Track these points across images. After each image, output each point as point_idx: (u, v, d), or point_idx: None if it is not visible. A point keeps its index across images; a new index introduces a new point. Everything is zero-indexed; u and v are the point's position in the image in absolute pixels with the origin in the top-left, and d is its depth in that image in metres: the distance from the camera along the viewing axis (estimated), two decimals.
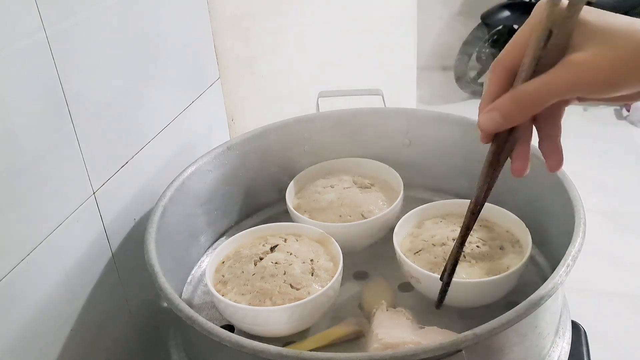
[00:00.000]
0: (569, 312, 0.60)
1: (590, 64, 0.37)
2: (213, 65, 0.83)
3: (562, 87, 0.37)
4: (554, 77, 0.37)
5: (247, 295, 0.56)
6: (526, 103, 0.39)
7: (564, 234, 0.54)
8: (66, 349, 0.55)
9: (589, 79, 0.37)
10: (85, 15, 0.55)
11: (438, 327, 0.53)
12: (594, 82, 0.37)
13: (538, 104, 0.39)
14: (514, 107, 0.39)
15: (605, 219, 2.00)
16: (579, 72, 0.37)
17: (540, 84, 0.38)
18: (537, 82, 0.38)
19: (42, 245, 0.51)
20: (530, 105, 0.39)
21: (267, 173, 0.77)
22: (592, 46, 0.37)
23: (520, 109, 0.39)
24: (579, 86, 0.37)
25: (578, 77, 0.37)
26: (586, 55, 0.37)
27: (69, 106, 0.53)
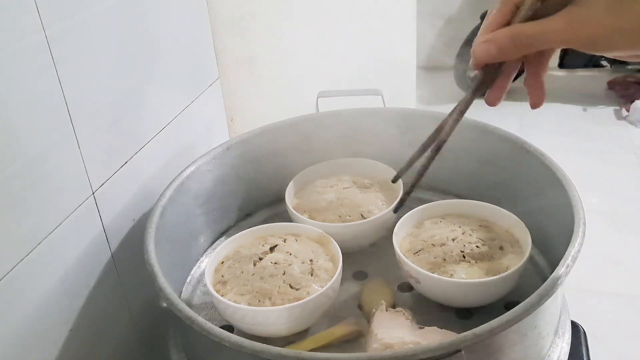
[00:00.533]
0: (568, 312, 0.60)
1: (590, 23, 0.38)
2: (212, 65, 0.83)
3: (559, 39, 0.39)
4: (553, 26, 0.39)
5: (247, 296, 0.56)
6: (522, 43, 0.40)
7: (563, 234, 0.54)
8: (65, 348, 0.55)
9: (587, 38, 0.38)
10: (84, 15, 0.55)
11: (437, 328, 0.53)
12: (590, 42, 0.39)
13: (533, 47, 0.41)
14: (510, 44, 0.41)
15: (604, 219, 2.01)
16: (578, 29, 0.38)
17: (540, 30, 0.39)
18: (537, 26, 0.39)
19: (41, 245, 0.50)
20: (526, 46, 0.41)
21: (266, 173, 0.77)
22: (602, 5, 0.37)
23: (515, 47, 0.41)
24: (575, 42, 0.39)
25: (576, 34, 0.38)
26: (589, 12, 0.38)
27: (69, 106, 0.53)
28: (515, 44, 0.41)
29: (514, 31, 0.40)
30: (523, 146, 0.67)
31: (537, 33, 0.39)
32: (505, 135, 0.69)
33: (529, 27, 0.40)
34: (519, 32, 0.40)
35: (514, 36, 0.40)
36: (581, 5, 0.38)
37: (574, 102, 2.87)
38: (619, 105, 2.75)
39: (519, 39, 0.40)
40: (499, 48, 0.41)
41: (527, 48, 0.41)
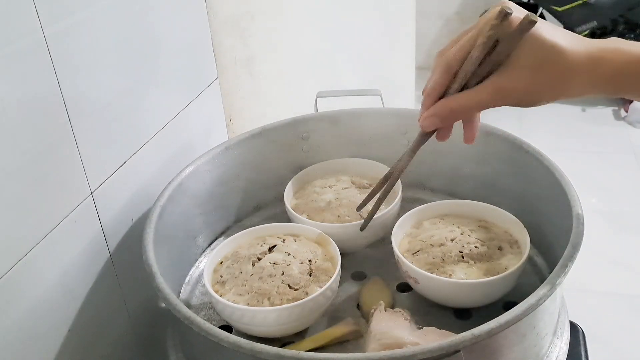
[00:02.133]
0: (567, 313, 0.60)
1: (512, 91, 0.47)
2: (211, 65, 0.83)
3: (487, 105, 0.48)
4: (482, 97, 0.48)
5: (245, 296, 0.56)
6: (459, 113, 0.50)
7: (562, 234, 0.54)
8: (64, 349, 0.55)
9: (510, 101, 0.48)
10: (83, 15, 0.55)
11: (436, 328, 0.53)
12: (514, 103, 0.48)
13: (468, 113, 0.51)
14: (450, 115, 0.50)
15: (603, 219, 2.01)
16: (502, 98, 0.47)
17: (472, 101, 0.48)
18: (469, 98, 0.48)
19: (39, 245, 0.50)
20: (463, 114, 0.51)
21: (265, 173, 0.77)
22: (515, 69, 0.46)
23: (455, 116, 0.51)
24: (501, 104, 0.48)
25: (500, 99, 0.47)
26: (508, 81, 0.47)
27: (67, 106, 0.53)
28: (454, 114, 0.50)
29: (452, 105, 0.49)
30: (522, 146, 0.67)
31: (470, 104, 0.49)
32: (505, 136, 0.69)
33: (463, 99, 0.49)
34: (456, 106, 0.49)
35: (452, 109, 0.49)
36: (503, 75, 0.47)
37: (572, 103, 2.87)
38: (617, 105, 2.75)
39: (457, 110, 0.49)
40: (441, 119, 0.50)
41: (463, 115, 0.51)
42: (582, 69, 0.46)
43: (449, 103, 0.49)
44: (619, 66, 0.46)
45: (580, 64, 0.46)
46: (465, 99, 0.48)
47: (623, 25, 2.78)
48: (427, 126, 0.51)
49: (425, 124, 0.51)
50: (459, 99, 0.49)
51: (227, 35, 0.87)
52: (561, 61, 0.45)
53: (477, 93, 0.48)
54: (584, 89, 0.47)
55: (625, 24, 2.78)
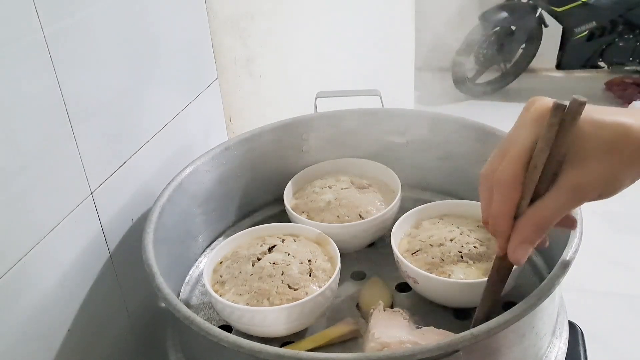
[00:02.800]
0: (566, 313, 0.60)
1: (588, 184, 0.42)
2: (211, 66, 0.83)
3: (571, 207, 0.43)
4: (563, 201, 0.42)
5: (245, 296, 0.56)
6: (547, 227, 0.43)
7: (561, 234, 0.54)
8: (64, 349, 0.55)
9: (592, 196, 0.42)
10: (83, 15, 0.55)
11: (435, 327, 0.53)
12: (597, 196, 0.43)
13: (555, 222, 0.44)
14: (538, 234, 0.44)
15: (602, 219, 2.01)
16: (583, 195, 0.42)
17: (554, 209, 0.43)
18: (550, 207, 0.43)
19: (39, 245, 0.50)
20: (549, 227, 0.44)
21: (265, 173, 0.77)
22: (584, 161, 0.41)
23: (543, 232, 0.44)
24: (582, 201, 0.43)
25: (583, 199, 0.42)
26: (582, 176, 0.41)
27: (67, 106, 0.53)
28: (542, 230, 0.43)
29: (537, 222, 0.43)
30: None
31: (554, 213, 0.43)
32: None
33: (545, 210, 0.43)
34: (541, 220, 0.43)
35: (539, 226, 0.43)
36: (574, 172, 0.42)
37: None
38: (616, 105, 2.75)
39: (544, 225, 0.43)
40: (532, 243, 0.44)
41: (550, 228, 0.44)
42: None
43: (531, 222, 0.43)
44: None
45: None
46: (545, 210, 0.43)
47: (622, 25, 2.78)
48: (522, 258, 0.44)
49: (520, 255, 0.44)
50: (539, 213, 0.43)
51: (227, 35, 0.87)
52: (630, 136, 0.40)
53: (554, 199, 0.42)
54: None
55: (625, 24, 2.78)
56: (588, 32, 2.79)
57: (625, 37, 2.80)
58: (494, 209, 0.44)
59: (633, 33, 2.79)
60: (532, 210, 0.43)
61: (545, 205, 0.43)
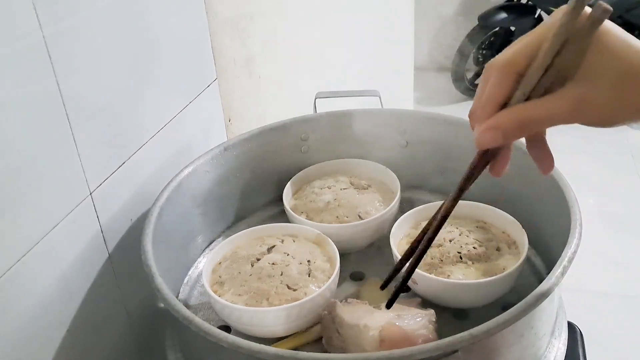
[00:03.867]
0: (565, 313, 0.60)
1: (596, 104, 0.37)
2: (210, 66, 0.83)
3: (564, 119, 0.38)
4: (561, 109, 0.38)
5: (244, 296, 0.56)
6: (528, 126, 0.39)
7: (560, 235, 0.54)
8: (62, 350, 0.54)
9: (593, 118, 0.38)
10: (82, 15, 0.55)
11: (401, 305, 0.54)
12: (597, 121, 0.39)
13: (538, 128, 0.40)
14: (516, 129, 0.39)
15: (601, 220, 2.01)
16: (585, 111, 0.38)
17: (547, 113, 0.38)
18: (543, 109, 0.38)
19: (38, 246, 0.50)
20: (532, 128, 0.40)
21: (264, 174, 0.77)
22: (598, 78, 0.37)
23: (522, 130, 0.39)
24: (580, 120, 0.38)
25: (583, 116, 0.38)
26: (594, 93, 0.37)
27: (66, 107, 0.53)
28: (522, 128, 0.39)
29: (520, 116, 0.39)
30: (520, 147, 0.67)
31: (545, 116, 0.38)
32: None
33: (534, 109, 0.38)
34: (526, 117, 0.39)
35: (521, 122, 0.39)
36: (585, 84, 0.37)
37: None
38: None
39: (526, 123, 0.39)
40: (505, 134, 0.39)
41: (532, 129, 0.40)
42: None
43: (515, 113, 0.39)
44: None
45: None
46: (539, 108, 0.38)
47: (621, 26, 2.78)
48: (486, 141, 0.40)
49: (484, 138, 0.40)
50: (529, 108, 0.38)
51: (227, 35, 0.87)
52: None
53: (553, 102, 0.38)
54: None
55: (624, 25, 2.78)
56: None
57: None
58: (480, 95, 0.40)
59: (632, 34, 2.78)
60: (523, 105, 0.39)
61: (540, 104, 0.38)
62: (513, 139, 0.40)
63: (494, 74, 0.40)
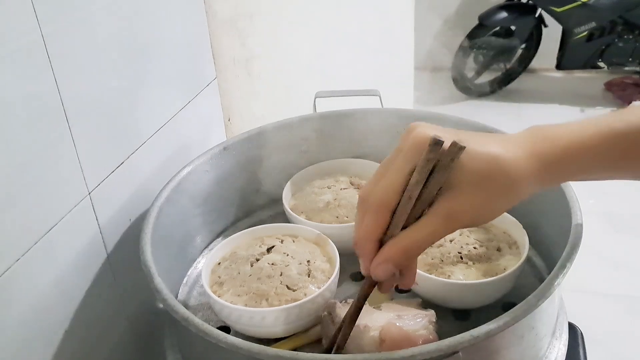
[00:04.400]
0: (565, 314, 0.60)
1: (463, 214, 0.43)
2: (210, 65, 0.83)
3: (442, 233, 0.43)
4: (435, 227, 0.43)
5: (244, 297, 0.56)
6: (414, 251, 0.44)
7: (560, 235, 0.54)
8: (61, 350, 0.54)
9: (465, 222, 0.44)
10: (81, 14, 0.54)
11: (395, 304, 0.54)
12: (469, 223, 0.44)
13: (422, 249, 0.44)
14: (404, 257, 0.44)
15: (602, 220, 2.01)
16: (455, 223, 0.43)
17: (425, 235, 0.43)
18: (421, 233, 0.43)
19: (36, 245, 0.50)
20: (418, 251, 0.44)
21: (263, 174, 0.76)
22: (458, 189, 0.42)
23: (409, 256, 0.44)
24: (456, 228, 0.44)
25: (454, 222, 0.43)
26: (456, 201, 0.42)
27: (65, 106, 0.53)
28: (409, 254, 0.44)
29: (405, 245, 0.43)
30: None
31: (425, 237, 0.43)
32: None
33: (414, 234, 0.43)
34: (409, 244, 0.43)
35: (406, 250, 0.43)
36: (449, 199, 0.42)
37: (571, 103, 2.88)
38: (616, 106, 2.76)
39: (411, 249, 0.43)
40: (396, 265, 0.44)
41: (418, 252, 0.45)
42: (525, 171, 0.43)
43: (400, 243, 0.43)
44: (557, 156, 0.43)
45: (522, 166, 0.42)
46: (417, 233, 0.43)
47: (622, 26, 2.79)
48: (381, 275, 0.44)
49: (379, 272, 0.44)
50: (409, 236, 0.43)
51: (226, 35, 0.87)
52: (503, 169, 0.42)
53: (427, 225, 0.43)
54: (536, 187, 0.44)
55: (624, 25, 2.78)
56: (588, 32, 2.80)
57: (625, 38, 2.81)
58: (361, 230, 0.45)
59: (632, 34, 2.79)
60: (404, 233, 0.43)
61: (417, 229, 0.43)
62: (404, 264, 0.45)
63: (369, 214, 0.44)
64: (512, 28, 2.87)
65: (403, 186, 0.43)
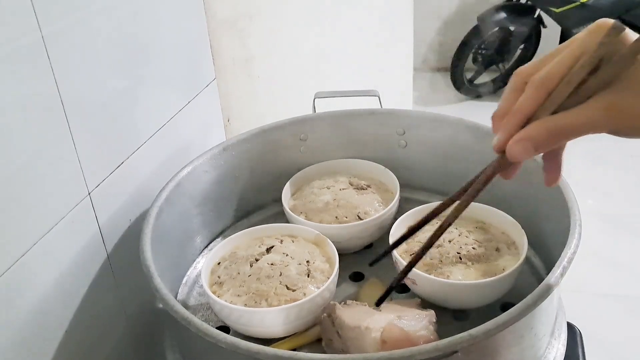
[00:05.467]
0: (564, 314, 0.60)
1: (631, 111, 0.37)
2: (209, 66, 0.83)
3: (598, 128, 0.38)
4: (592, 117, 0.38)
5: (243, 297, 0.56)
6: (561, 136, 0.39)
7: (559, 235, 0.54)
8: (60, 350, 0.54)
9: (627, 127, 0.38)
10: (81, 15, 0.55)
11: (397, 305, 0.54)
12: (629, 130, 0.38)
13: (570, 137, 0.39)
14: (547, 140, 0.39)
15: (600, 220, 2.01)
16: (619, 119, 0.38)
17: (578, 122, 0.38)
18: (574, 118, 0.38)
19: (36, 246, 0.50)
20: (565, 138, 0.39)
21: (263, 174, 0.77)
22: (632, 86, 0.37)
23: (554, 140, 0.39)
24: (614, 130, 0.38)
25: (617, 123, 0.38)
26: (627, 100, 0.37)
27: (65, 106, 0.53)
28: (554, 137, 0.39)
29: (552, 127, 0.39)
30: None
31: (576, 126, 0.38)
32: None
33: (566, 119, 0.38)
34: (558, 128, 0.38)
35: (551, 132, 0.39)
36: (617, 91, 0.37)
37: None
38: None
39: (557, 134, 0.39)
40: (535, 145, 0.39)
41: (565, 139, 0.40)
42: None
43: (546, 124, 0.39)
44: None
45: None
46: (569, 118, 0.38)
47: None
48: (518, 153, 0.40)
49: (516, 150, 0.39)
50: (560, 119, 0.38)
51: (225, 35, 0.87)
52: None
53: (585, 111, 0.38)
54: None
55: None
56: None
57: None
58: (507, 102, 0.41)
59: None
60: (553, 116, 0.39)
61: (569, 114, 0.38)
62: (544, 150, 0.40)
63: (528, 89, 0.40)
64: (511, 29, 2.87)
65: (565, 61, 0.39)
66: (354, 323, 0.52)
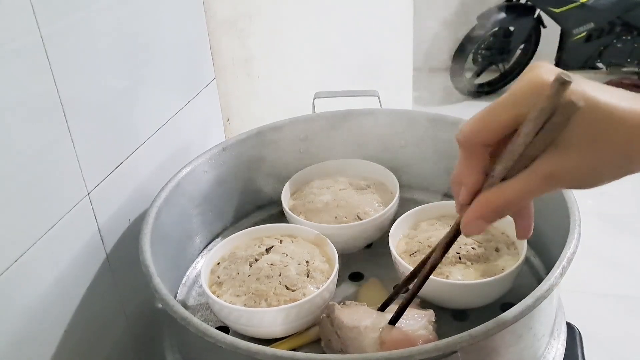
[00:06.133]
0: (563, 314, 0.60)
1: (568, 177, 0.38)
2: (209, 66, 0.83)
3: (538, 193, 0.39)
4: (533, 185, 0.39)
5: (243, 297, 0.56)
6: (506, 209, 0.40)
7: (559, 235, 0.54)
8: (60, 350, 0.54)
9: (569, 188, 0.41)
10: (80, 15, 0.55)
11: None
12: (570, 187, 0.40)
13: (517, 207, 0.41)
14: (497, 214, 0.41)
15: (600, 221, 2.01)
16: (557, 186, 0.39)
17: (521, 192, 0.39)
18: (518, 188, 0.39)
19: (35, 246, 0.50)
20: (511, 208, 0.41)
21: (262, 174, 0.76)
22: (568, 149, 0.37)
23: (501, 214, 0.41)
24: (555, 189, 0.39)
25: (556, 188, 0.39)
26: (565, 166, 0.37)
27: (64, 106, 0.53)
28: (500, 212, 0.40)
29: (496, 201, 0.40)
30: None
31: (518, 197, 0.39)
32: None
33: (508, 191, 0.39)
34: (501, 201, 0.40)
35: (497, 207, 0.40)
36: (554, 157, 0.37)
37: None
38: None
39: (502, 207, 0.40)
40: (487, 220, 0.41)
41: (511, 212, 0.42)
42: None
43: (492, 200, 0.40)
44: None
45: None
46: (512, 191, 0.39)
47: (620, 27, 2.79)
48: (473, 232, 0.42)
49: (471, 229, 0.41)
50: (503, 192, 0.39)
51: (225, 36, 0.87)
52: (619, 130, 0.35)
53: (524, 182, 0.38)
54: None
55: (623, 25, 2.78)
56: (586, 33, 2.80)
57: (624, 39, 2.81)
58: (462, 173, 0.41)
59: (631, 34, 2.79)
60: (498, 188, 0.40)
61: (512, 186, 0.39)
62: (495, 221, 0.41)
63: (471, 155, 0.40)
64: (511, 29, 2.88)
65: (502, 125, 0.38)
66: (353, 323, 0.52)
